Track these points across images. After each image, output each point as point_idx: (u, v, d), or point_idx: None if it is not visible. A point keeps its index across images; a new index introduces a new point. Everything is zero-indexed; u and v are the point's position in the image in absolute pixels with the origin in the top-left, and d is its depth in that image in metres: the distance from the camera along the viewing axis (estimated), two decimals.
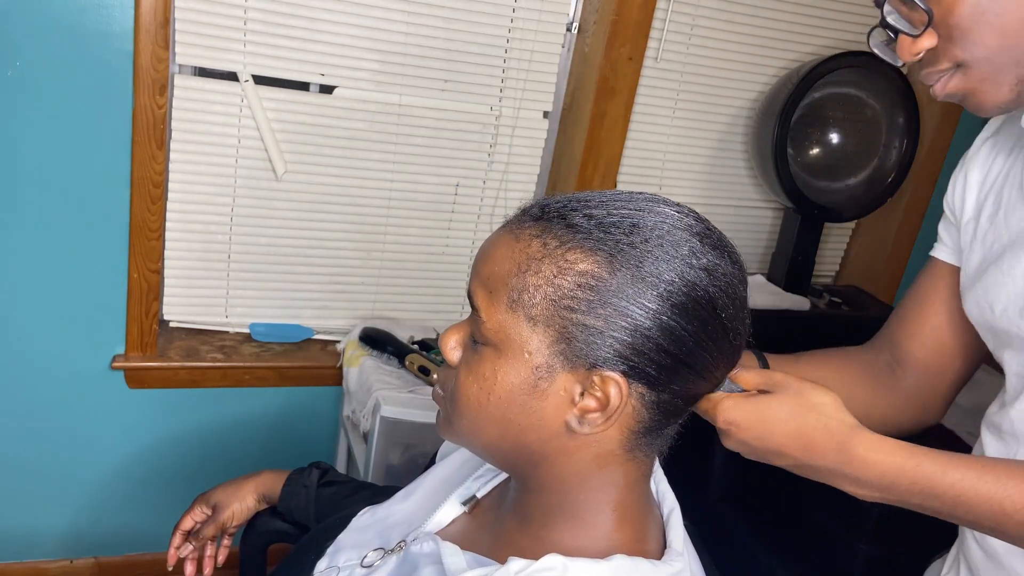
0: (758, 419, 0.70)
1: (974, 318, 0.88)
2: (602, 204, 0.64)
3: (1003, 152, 0.88)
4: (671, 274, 0.61)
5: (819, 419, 0.70)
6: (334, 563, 0.79)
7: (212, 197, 1.69)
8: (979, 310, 0.87)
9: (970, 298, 0.88)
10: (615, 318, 0.60)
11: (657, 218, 0.63)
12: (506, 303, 0.63)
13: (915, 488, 0.70)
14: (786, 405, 0.71)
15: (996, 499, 0.68)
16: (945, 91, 0.78)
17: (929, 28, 0.74)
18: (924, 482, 0.70)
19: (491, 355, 0.64)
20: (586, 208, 0.64)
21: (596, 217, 0.63)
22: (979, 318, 0.87)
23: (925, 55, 0.76)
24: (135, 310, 1.64)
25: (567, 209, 0.64)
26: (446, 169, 1.82)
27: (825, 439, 0.70)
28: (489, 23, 1.73)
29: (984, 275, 0.86)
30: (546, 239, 0.63)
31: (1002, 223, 0.85)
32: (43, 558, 1.81)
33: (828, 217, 1.98)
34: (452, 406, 0.68)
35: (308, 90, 1.71)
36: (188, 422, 1.80)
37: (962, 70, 0.75)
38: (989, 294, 0.84)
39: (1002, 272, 0.83)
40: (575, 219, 0.63)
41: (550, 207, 0.65)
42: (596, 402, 0.62)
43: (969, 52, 0.73)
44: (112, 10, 1.45)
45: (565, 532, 0.67)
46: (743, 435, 0.71)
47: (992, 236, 0.86)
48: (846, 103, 1.95)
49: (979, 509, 0.69)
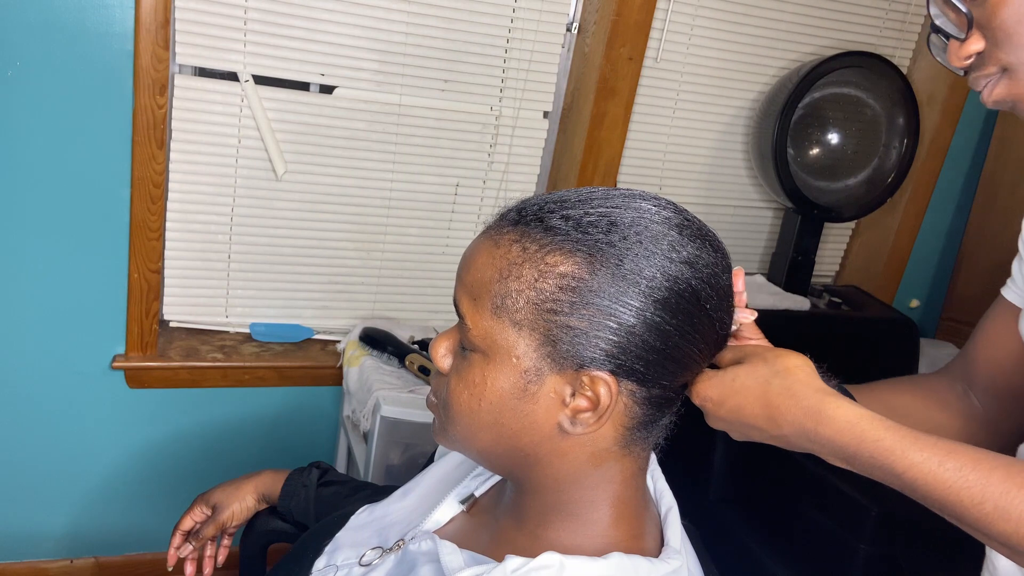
0: (728, 391, 0.68)
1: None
2: (578, 204, 0.64)
3: None
4: (652, 270, 0.61)
5: (783, 383, 0.67)
6: (332, 562, 0.79)
7: (212, 197, 1.69)
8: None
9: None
10: (599, 318, 0.60)
11: (634, 214, 0.63)
12: (490, 309, 0.63)
13: (874, 462, 0.66)
14: (754, 373, 0.68)
15: (954, 489, 0.64)
16: (992, 97, 0.76)
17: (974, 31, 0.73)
18: (883, 457, 0.66)
19: (480, 361, 0.64)
20: (563, 209, 0.63)
21: (573, 218, 0.63)
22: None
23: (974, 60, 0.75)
24: (135, 310, 1.65)
25: (544, 211, 0.64)
26: (446, 169, 1.82)
27: (789, 404, 0.67)
28: (489, 23, 1.73)
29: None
30: (525, 243, 0.63)
31: None
32: (43, 558, 1.81)
33: (828, 217, 1.98)
34: (445, 413, 0.68)
35: (308, 90, 1.71)
36: (188, 422, 1.80)
37: (1008, 75, 0.74)
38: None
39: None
40: (552, 221, 0.63)
41: (527, 210, 0.65)
42: (587, 402, 0.62)
43: (1015, 56, 0.72)
44: (112, 10, 1.45)
45: (562, 530, 0.67)
46: (718, 411, 0.69)
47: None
48: (846, 103, 1.95)
49: (937, 494, 0.65)
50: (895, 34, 2.04)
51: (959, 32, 0.74)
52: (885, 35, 2.03)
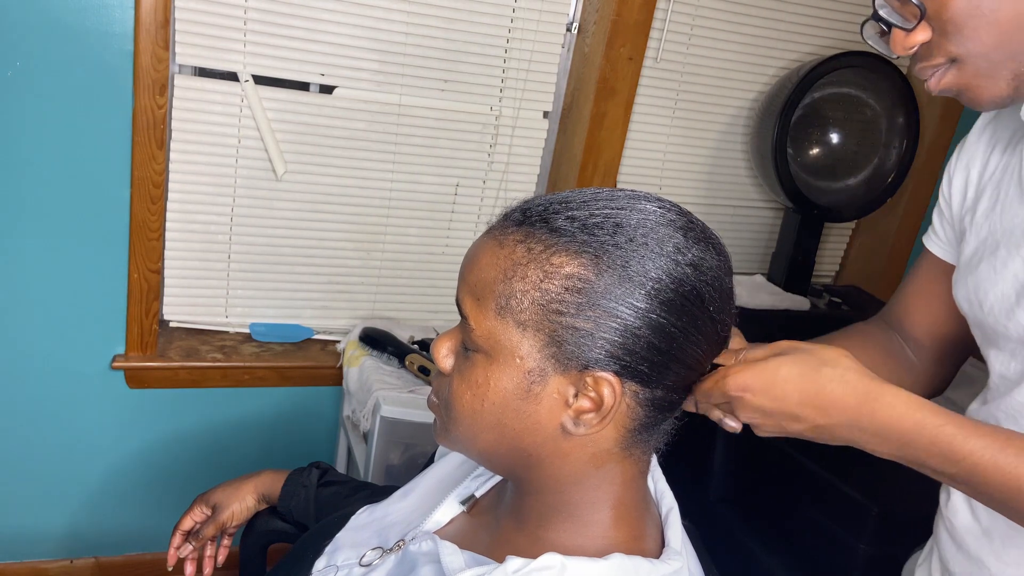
0: (772, 380, 0.68)
1: (964, 311, 0.88)
2: (584, 205, 0.64)
3: (1001, 143, 0.87)
4: (658, 272, 0.61)
5: (835, 371, 0.68)
6: (332, 562, 0.79)
7: (212, 197, 1.69)
8: (968, 304, 0.86)
9: (960, 291, 0.87)
10: (604, 319, 0.60)
11: (640, 215, 0.63)
12: (494, 309, 0.63)
13: (933, 449, 0.67)
14: (801, 363, 0.68)
15: (1015, 475, 0.66)
16: (940, 86, 0.77)
17: (922, 22, 0.73)
18: (943, 444, 0.67)
19: (483, 362, 0.64)
20: (568, 210, 0.63)
21: (579, 219, 0.62)
22: (968, 312, 0.87)
23: (919, 49, 0.75)
24: (135, 310, 1.64)
25: (549, 212, 0.64)
26: (446, 169, 1.82)
27: (844, 391, 0.67)
28: (489, 23, 1.73)
29: (976, 270, 0.85)
30: (530, 244, 0.63)
31: (998, 219, 0.84)
32: (43, 558, 1.81)
33: (828, 217, 1.98)
34: (447, 414, 0.68)
35: (308, 90, 1.71)
36: (188, 422, 1.80)
37: (956, 65, 0.74)
38: (979, 290, 0.84)
39: (994, 270, 0.82)
40: (558, 222, 0.63)
41: (531, 211, 0.65)
42: (590, 403, 0.62)
43: (963, 47, 0.72)
44: (112, 10, 1.45)
45: (563, 531, 0.67)
46: (758, 400, 0.68)
47: (987, 230, 0.85)
48: (846, 103, 1.95)
49: (994, 481, 0.66)
50: None
51: (905, 23, 0.74)
52: None
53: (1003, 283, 0.81)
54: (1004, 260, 0.81)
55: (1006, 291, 0.80)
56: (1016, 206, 0.82)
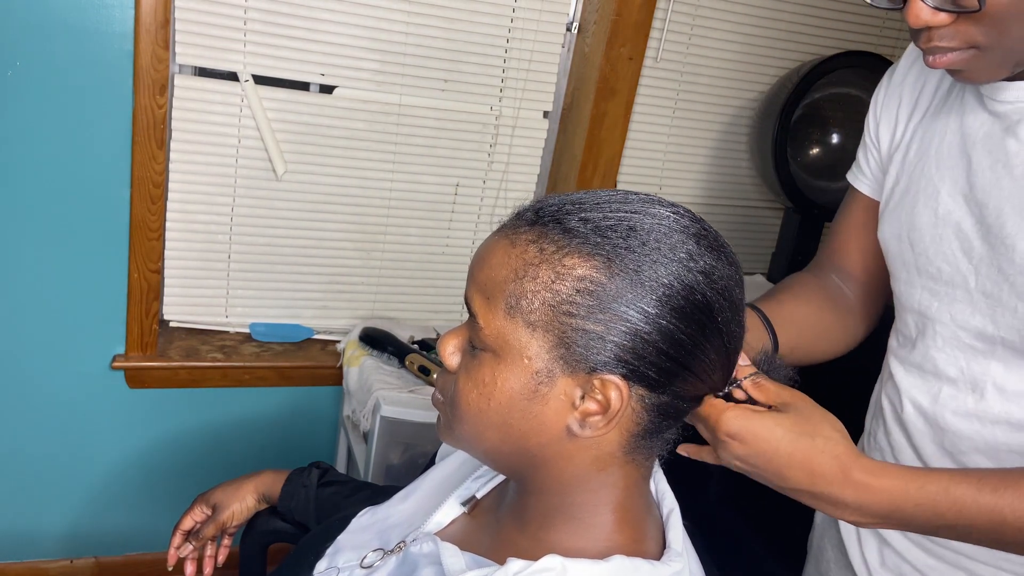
0: (764, 436, 0.69)
1: (888, 246, 0.90)
2: (597, 207, 0.63)
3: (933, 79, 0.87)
4: (670, 278, 0.61)
5: (826, 444, 0.69)
6: (333, 564, 0.79)
7: (212, 197, 1.69)
8: (897, 242, 0.88)
9: (887, 227, 0.89)
10: (615, 323, 0.60)
11: (654, 220, 0.63)
12: (504, 309, 0.63)
13: (919, 511, 0.69)
14: (795, 428, 0.69)
15: (996, 509, 0.68)
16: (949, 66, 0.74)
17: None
18: (928, 504, 0.69)
19: (490, 361, 0.64)
20: (581, 211, 0.63)
21: (592, 220, 0.62)
22: (895, 249, 0.89)
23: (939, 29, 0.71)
24: (135, 310, 1.64)
25: (562, 213, 0.63)
26: (446, 169, 1.82)
27: (831, 466, 0.69)
28: (489, 23, 1.73)
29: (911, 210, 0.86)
30: (543, 244, 0.62)
31: (933, 161, 0.85)
32: (43, 558, 1.81)
33: (828, 217, 1.98)
34: (452, 412, 0.68)
35: (308, 90, 1.71)
36: (188, 422, 1.80)
37: (974, 52, 0.72)
38: (913, 231, 0.85)
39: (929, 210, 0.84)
40: (571, 223, 0.62)
41: (545, 211, 0.64)
42: (597, 405, 0.62)
43: (992, 39, 0.70)
44: (112, 10, 1.45)
45: (564, 533, 0.67)
46: (743, 449, 0.69)
47: (920, 170, 0.86)
48: (846, 103, 1.95)
49: (979, 521, 0.69)
50: (895, 34, 2.04)
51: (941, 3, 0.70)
52: (885, 35, 2.03)
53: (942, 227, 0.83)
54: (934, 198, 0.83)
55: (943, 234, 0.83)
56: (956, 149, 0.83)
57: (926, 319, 0.87)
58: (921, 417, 0.88)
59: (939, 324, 0.85)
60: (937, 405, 0.86)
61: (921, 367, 0.88)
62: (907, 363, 0.90)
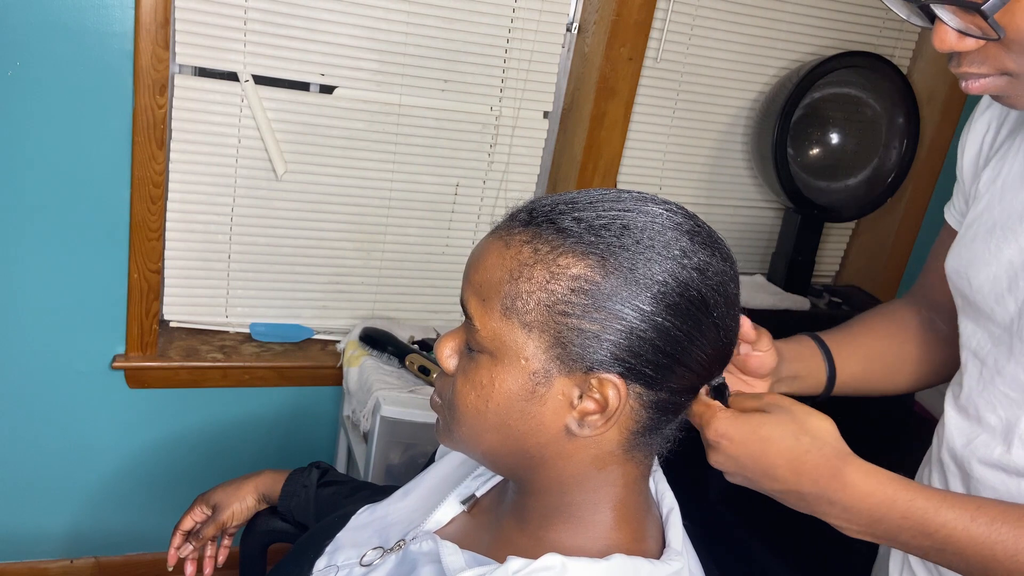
0: (753, 436, 0.68)
1: (950, 278, 0.86)
2: (590, 206, 0.63)
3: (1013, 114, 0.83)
4: (664, 275, 0.61)
5: (815, 443, 0.68)
6: (333, 562, 0.79)
7: (212, 197, 1.69)
8: (956, 276, 0.84)
9: (952, 261, 0.86)
10: (610, 321, 0.60)
11: (647, 218, 0.63)
12: (500, 310, 0.63)
13: (905, 524, 0.68)
14: (783, 426, 0.68)
15: (988, 543, 0.66)
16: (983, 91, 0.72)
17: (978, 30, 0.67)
18: (915, 518, 0.67)
19: (487, 362, 0.64)
20: (575, 211, 0.63)
21: (586, 220, 0.62)
22: (955, 281, 0.85)
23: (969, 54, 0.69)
24: (135, 310, 1.64)
25: (555, 213, 0.63)
26: (446, 169, 1.82)
27: (820, 463, 0.68)
28: (489, 23, 1.73)
29: (970, 244, 0.83)
30: (537, 244, 0.62)
31: (997, 196, 0.81)
32: (43, 558, 1.81)
33: (828, 217, 1.98)
34: (450, 414, 0.68)
35: (308, 90, 1.71)
36: (188, 422, 1.80)
37: (1008, 78, 0.70)
38: (971, 267, 0.82)
39: (988, 250, 0.80)
40: (564, 223, 0.62)
41: (538, 211, 0.64)
42: (595, 404, 0.62)
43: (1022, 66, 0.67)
44: (112, 10, 1.45)
45: (564, 532, 0.67)
46: (734, 450, 0.69)
47: (984, 204, 0.82)
48: (846, 103, 1.95)
49: (968, 552, 0.67)
50: (895, 34, 2.04)
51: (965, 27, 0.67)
52: (885, 35, 2.03)
53: (996, 265, 0.79)
54: (999, 243, 0.79)
55: (998, 274, 0.78)
56: (1017, 188, 0.79)
57: (976, 359, 0.83)
58: (953, 460, 0.86)
59: (985, 368, 0.81)
60: (967, 450, 0.83)
61: (965, 409, 0.85)
62: (955, 402, 0.87)
